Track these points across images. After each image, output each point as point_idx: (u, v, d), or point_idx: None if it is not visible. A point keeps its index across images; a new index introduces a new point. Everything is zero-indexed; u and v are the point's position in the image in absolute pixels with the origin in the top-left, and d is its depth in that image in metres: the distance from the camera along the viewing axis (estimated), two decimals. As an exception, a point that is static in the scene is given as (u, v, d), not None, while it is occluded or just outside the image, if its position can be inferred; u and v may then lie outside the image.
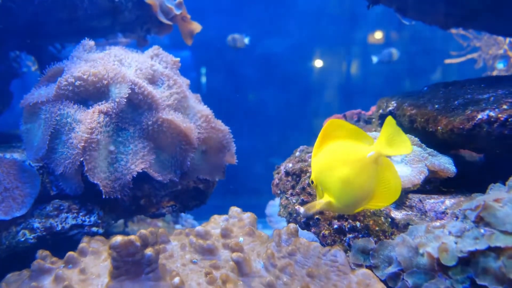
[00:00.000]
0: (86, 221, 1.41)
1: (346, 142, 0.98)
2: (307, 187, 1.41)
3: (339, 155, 0.98)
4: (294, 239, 1.14)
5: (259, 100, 4.91)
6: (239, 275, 1.05)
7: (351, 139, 0.97)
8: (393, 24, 4.69)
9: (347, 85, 4.92)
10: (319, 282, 1.03)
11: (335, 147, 0.99)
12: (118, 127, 1.42)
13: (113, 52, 1.58)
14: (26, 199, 1.32)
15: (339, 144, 0.99)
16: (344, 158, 0.97)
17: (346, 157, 0.97)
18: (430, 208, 1.15)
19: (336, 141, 0.99)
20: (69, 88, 1.38)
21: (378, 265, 1.08)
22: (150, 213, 1.60)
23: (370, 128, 1.76)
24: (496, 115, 1.15)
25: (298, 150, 1.74)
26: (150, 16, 2.07)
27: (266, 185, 1.82)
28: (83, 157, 1.29)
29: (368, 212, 1.21)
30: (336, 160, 0.99)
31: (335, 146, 0.99)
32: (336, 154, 0.99)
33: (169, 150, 1.52)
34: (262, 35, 4.53)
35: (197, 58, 4.83)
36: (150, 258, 0.96)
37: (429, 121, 1.34)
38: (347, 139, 0.98)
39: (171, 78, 1.57)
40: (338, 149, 0.99)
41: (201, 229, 1.21)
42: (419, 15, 2.11)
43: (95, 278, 1.09)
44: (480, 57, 3.81)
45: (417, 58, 4.83)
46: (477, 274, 0.89)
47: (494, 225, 0.92)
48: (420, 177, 1.19)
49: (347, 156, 0.97)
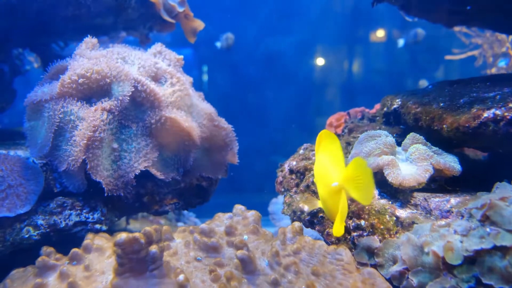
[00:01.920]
0: (90, 218, 1.41)
1: (329, 159, 1.10)
2: (311, 185, 1.41)
3: (321, 171, 1.14)
4: (299, 237, 1.14)
5: (262, 98, 4.90)
6: (244, 273, 1.05)
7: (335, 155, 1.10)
8: (396, 22, 4.68)
9: (350, 83, 4.91)
10: (324, 281, 1.03)
11: (321, 162, 1.14)
12: (121, 124, 1.42)
13: (116, 49, 1.57)
14: (30, 196, 1.32)
15: (323, 160, 1.13)
16: (322, 177, 1.13)
17: (323, 177, 1.12)
18: (435, 206, 1.15)
19: (327, 151, 1.12)
20: (73, 85, 1.38)
21: (383, 264, 1.08)
22: (153, 210, 1.60)
23: (375, 126, 1.75)
24: (502, 113, 1.14)
25: (302, 148, 1.73)
26: (153, 14, 2.06)
27: (269, 183, 1.82)
28: (85, 155, 1.29)
29: (372, 211, 1.21)
30: (319, 175, 1.16)
31: (322, 161, 1.14)
32: (320, 169, 1.15)
33: (171, 148, 1.52)
34: (265, 33, 4.52)
35: (199, 56, 4.83)
36: (154, 255, 0.96)
37: (434, 119, 1.33)
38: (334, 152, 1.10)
39: (174, 76, 1.57)
40: (321, 166, 1.14)
41: (205, 226, 1.21)
42: (423, 13, 2.11)
43: (100, 275, 1.09)
44: (481, 54, 3.80)
45: (419, 57, 4.82)
46: (483, 273, 0.89)
47: (500, 224, 0.92)
48: (425, 176, 1.18)
49: (323, 177, 1.11)
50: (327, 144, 1.12)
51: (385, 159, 1.23)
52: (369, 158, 1.28)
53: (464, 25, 3.14)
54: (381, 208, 1.20)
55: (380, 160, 1.24)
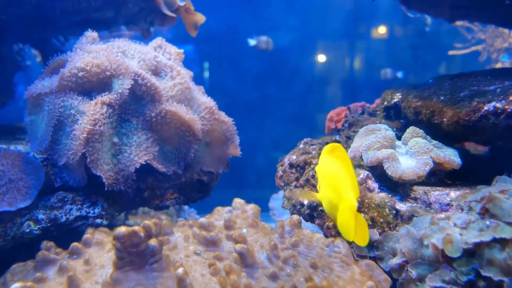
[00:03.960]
0: (90, 212, 1.41)
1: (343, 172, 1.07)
2: (311, 179, 1.41)
3: (333, 180, 1.10)
4: (297, 231, 1.14)
5: (263, 94, 4.89)
6: (243, 266, 1.05)
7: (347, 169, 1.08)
8: (398, 18, 4.66)
9: (351, 79, 4.90)
10: (322, 273, 1.03)
11: (334, 170, 1.10)
12: (121, 118, 1.42)
13: (116, 43, 1.57)
14: (31, 190, 1.32)
15: (338, 169, 1.09)
16: (333, 186, 1.09)
17: (335, 188, 1.08)
18: (435, 200, 1.15)
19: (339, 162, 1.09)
20: (72, 79, 1.38)
21: (383, 257, 1.07)
22: (154, 205, 1.61)
23: (375, 120, 1.75)
24: (503, 106, 1.13)
25: (302, 143, 1.73)
26: (154, 8, 2.06)
27: (269, 178, 1.81)
28: (85, 149, 1.29)
29: (372, 204, 1.21)
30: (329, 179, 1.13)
31: (335, 169, 1.10)
32: (331, 177, 1.11)
33: (172, 142, 1.52)
34: (266, 29, 4.50)
35: (200, 52, 4.82)
36: (154, 249, 0.96)
37: (435, 113, 1.33)
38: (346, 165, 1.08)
39: (175, 69, 1.57)
40: (335, 175, 1.10)
41: (204, 220, 1.21)
42: (424, 7, 2.10)
43: (99, 268, 1.09)
44: (485, 49, 3.79)
45: (421, 52, 4.80)
46: (482, 265, 0.89)
47: (499, 217, 0.92)
48: (425, 169, 1.18)
49: (337, 188, 1.08)
50: (341, 155, 1.10)
51: (385, 153, 1.23)
52: (368, 152, 1.28)
53: (466, 19, 3.12)
54: (380, 201, 1.20)
55: (379, 153, 1.23)
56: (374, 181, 1.27)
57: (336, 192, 1.08)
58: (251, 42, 3.95)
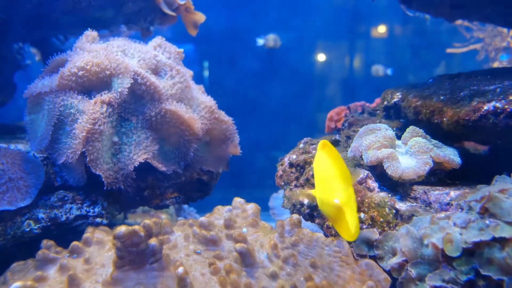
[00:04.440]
0: (91, 211, 1.41)
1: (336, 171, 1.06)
2: (311, 178, 1.41)
3: (322, 176, 1.09)
4: (297, 230, 1.14)
5: (263, 93, 4.89)
6: (243, 265, 1.05)
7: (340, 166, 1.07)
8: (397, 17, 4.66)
9: (350, 78, 4.90)
10: (322, 273, 1.03)
11: (323, 166, 1.10)
12: (121, 117, 1.42)
13: (116, 42, 1.57)
14: (31, 189, 1.32)
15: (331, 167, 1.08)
16: (323, 182, 1.08)
17: (324, 184, 1.07)
18: (435, 199, 1.15)
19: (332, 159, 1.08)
20: (72, 78, 1.38)
21: (383, 256, 1.08)
22: (154, 204, 1.61)
23: (375, 120, 1.75)
24: (503, 106, 1.14)
25: (302, 142, 1.73)
26: (154, 7, 2.06)
27: (269, 178, 1.82)
28: (85, 148, 1.29)
29: (372, 204, 1.21)
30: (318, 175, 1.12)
31: (323, 165, 1.10)
32: (321, 173, 1.11)
33: (172, 141, 1.52)
34: (265, 28, 4.50)
35: (200, 51, 4.81)
36: (154, 248, 0.97)
37: (435, 113, 1.33)
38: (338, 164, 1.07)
39: (174, 68, 1.57)
40: (328, 172, 1.08)
41: (204, 219, 1.21)
42: (424, 6, 2.09)
43: (100, 267, 1.09)
44: (483, 48, 3.79)
45: (420, 52, 4.80)
46: (482, 264, 0.89)
47: (499, 216, 0.92)
48: (425, 168, 1.18)
49: (325, 185, 1.07)
50: (330, 151, 1.10)
51: (385, 152, 1.23)
52: (368, 151, 1.28)
53: (465, 19, 3.12)
54: (380, 201, 1.20)
55: (379, 153, 1.24)
56: (374, 180, 1.27)
57: (325, 188, 1.08)
58: (260, 41, 3.94)
